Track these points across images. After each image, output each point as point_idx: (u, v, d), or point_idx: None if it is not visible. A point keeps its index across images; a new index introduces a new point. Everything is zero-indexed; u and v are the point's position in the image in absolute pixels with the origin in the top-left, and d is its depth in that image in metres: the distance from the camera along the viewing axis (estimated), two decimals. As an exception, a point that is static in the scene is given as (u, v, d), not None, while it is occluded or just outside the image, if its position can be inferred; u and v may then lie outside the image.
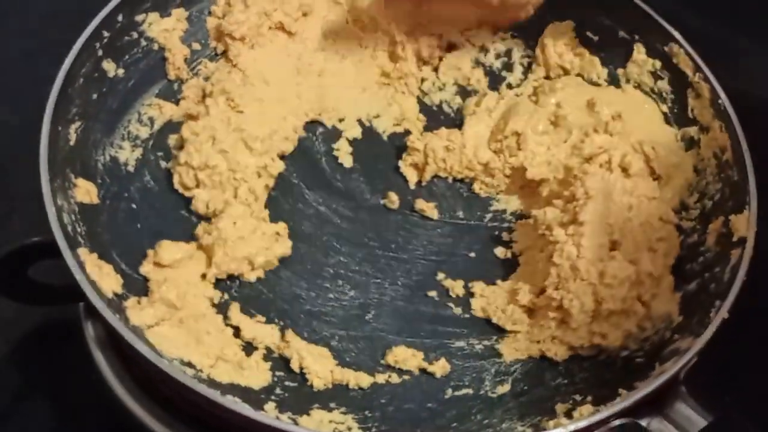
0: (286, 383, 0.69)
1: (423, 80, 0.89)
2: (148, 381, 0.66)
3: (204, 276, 0.72)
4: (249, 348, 0.70)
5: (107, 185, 0.76)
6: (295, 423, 0.64)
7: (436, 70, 0.90)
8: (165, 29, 0.84)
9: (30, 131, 0.68)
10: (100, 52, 0.78)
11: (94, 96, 0.77)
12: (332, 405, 0.68)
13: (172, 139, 0.80)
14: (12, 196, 0.84)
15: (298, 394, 0.68)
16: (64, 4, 0.97)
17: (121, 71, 0.80)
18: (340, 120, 0.86)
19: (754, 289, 0.68)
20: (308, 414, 0.66)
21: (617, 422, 0.61)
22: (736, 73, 0.83)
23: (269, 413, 0.64)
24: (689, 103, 0.83)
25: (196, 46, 0.86)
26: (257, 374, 0.69)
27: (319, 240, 0.78)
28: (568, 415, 0.65)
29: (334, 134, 0.85)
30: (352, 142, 0.85)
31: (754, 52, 0.98)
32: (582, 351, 0.72)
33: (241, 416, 0.58)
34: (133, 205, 0.76)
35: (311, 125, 0.85)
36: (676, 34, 0.84)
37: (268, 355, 0.70)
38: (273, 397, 0.67)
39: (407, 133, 0.85)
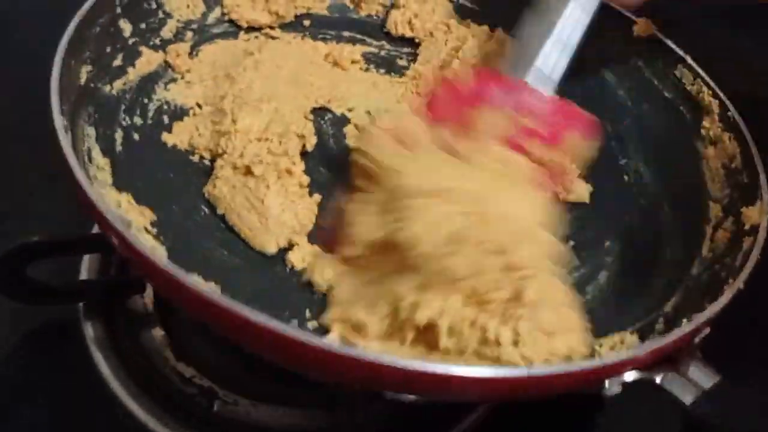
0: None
1: (438, 83, 0.90)
2: (147, 381, 0.67)
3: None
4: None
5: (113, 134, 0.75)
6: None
7: (452, 73, 0.91)
8: (183, 6, 0.85)
9: (28, 130, 0.69)
10: (118, 10, 0.78)
11: (108, 49, 0.77)
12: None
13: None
14: (11, 196, 0.84)
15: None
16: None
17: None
18: (349, 109, 0.85)
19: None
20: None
21: (631, 375, 0.58)
22: (736, 74, 0.84)
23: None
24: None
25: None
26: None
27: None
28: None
29: (343, 120, 0.85)
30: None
31: (754, 52, 0.99)
32: None
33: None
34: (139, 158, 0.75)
35: (320, 111, 0.84)
36: (688, 58, 0.86)
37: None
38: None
39: (416, 127, 0.85)
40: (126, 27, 0.79)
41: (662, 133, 0.86)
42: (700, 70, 0.85)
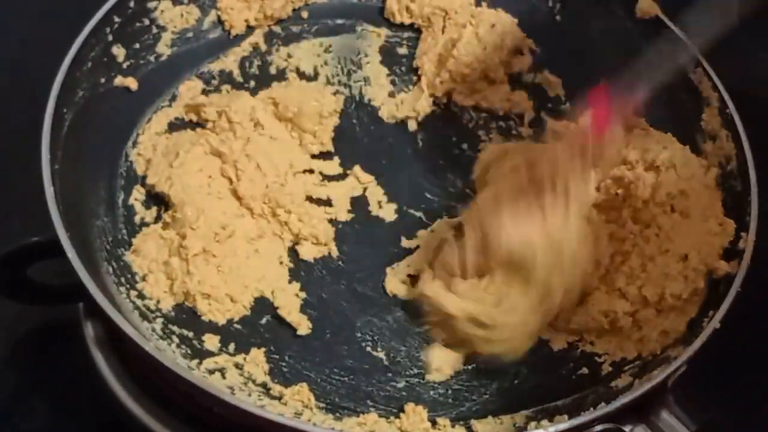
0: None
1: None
2: (147, 381, 0.66)
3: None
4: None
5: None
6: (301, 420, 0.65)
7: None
8: (176, 17, 0.85)
9: (30, 130, 0.69)
10: (110, 38, 0.78)
11: (102, 80, 0.78)
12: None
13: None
14: (11, 196, 0.84)
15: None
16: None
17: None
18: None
19: (748, 299, 0.68)
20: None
21: (599, 427, 0.61)
22: (736, 73, 0.82)
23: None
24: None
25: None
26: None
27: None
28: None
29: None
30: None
31: (754, 52, 0.96)
32: None
33: (241, 411, 0.58)
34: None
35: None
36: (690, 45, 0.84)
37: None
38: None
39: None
40: (119, 52, 0.80)
41: (664, 123, 0.85)
42: (701, 58, 0.83)
